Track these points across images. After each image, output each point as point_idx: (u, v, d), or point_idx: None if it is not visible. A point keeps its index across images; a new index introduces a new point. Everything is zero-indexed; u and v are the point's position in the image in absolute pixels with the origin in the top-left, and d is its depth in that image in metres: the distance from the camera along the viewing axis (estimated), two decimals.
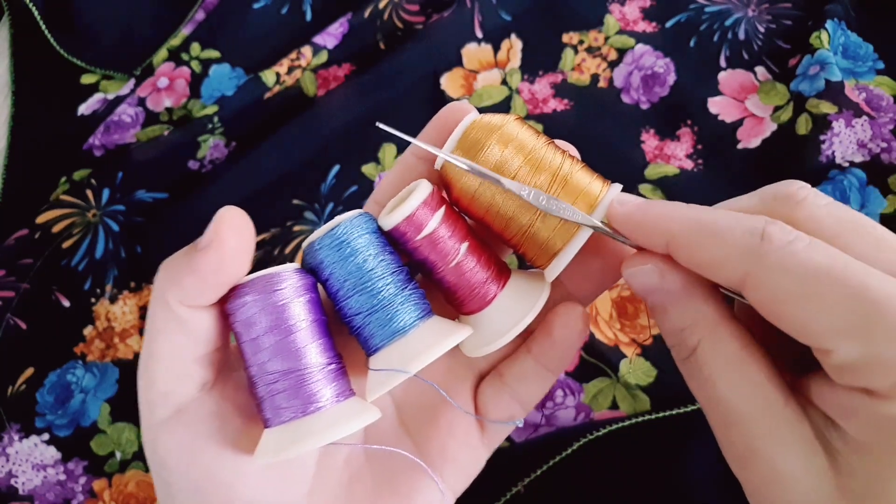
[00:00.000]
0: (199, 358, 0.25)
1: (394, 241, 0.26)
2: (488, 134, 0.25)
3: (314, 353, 0.24)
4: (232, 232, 0.23)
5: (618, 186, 0.26)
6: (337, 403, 0.24)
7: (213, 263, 0.22)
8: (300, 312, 0.24)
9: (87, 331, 0.48)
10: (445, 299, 0.28)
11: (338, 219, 0.25)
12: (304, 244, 0.26)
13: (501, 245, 0.31)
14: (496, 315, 0.27)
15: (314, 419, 0.23)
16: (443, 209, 0.26)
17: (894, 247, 0.22)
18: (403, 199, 0.26)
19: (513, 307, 0.27)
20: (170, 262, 0.24)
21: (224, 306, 0.25)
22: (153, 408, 0.24)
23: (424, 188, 0.26)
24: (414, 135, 0.28)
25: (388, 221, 0.26)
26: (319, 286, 0.26)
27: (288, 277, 0.24)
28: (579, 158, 0.27)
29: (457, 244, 0.26)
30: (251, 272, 0.25)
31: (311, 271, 0.26)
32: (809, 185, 0.23)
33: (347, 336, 0.26)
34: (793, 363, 0.24)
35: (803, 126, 0.50)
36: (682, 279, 0.23)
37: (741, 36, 0.56)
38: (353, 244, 0.25)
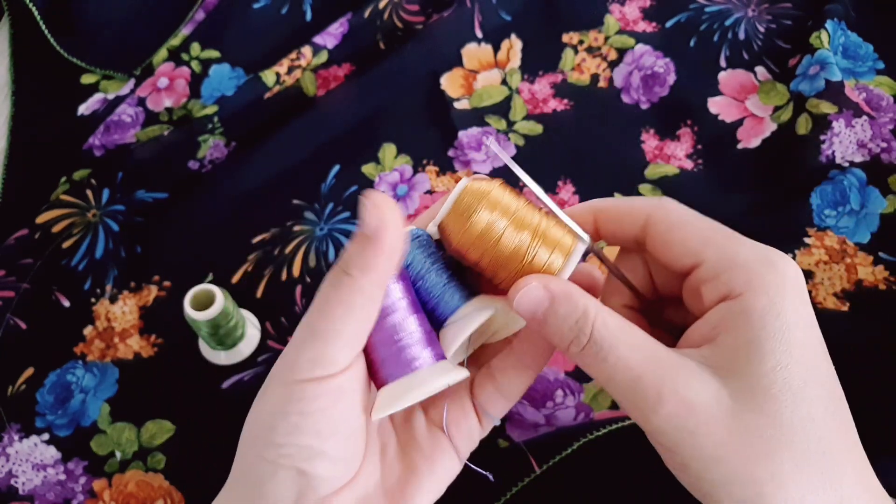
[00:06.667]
0: (366, 332, 0.28)
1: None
2: (478, 199, 0.29)
3: (415, 323, 0.29)
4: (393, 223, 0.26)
5: (585, 240, 0.30)
6: (433, 364, 0.29)
7: (392, 246, 0.26)
8: (400, 292, 0.29)
9: (87, 331, 0.48)
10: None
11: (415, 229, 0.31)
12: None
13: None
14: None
15: (417, 376, 0.28)
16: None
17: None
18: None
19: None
20: (357, 242, 0.26)
21: None
22: (313, 366, 0.26)
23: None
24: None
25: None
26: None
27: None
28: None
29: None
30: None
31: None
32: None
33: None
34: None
35: (803, 126, 0.50)
36: (564, 282, 0.28)
37: (741, 36, 0.56)
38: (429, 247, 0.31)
